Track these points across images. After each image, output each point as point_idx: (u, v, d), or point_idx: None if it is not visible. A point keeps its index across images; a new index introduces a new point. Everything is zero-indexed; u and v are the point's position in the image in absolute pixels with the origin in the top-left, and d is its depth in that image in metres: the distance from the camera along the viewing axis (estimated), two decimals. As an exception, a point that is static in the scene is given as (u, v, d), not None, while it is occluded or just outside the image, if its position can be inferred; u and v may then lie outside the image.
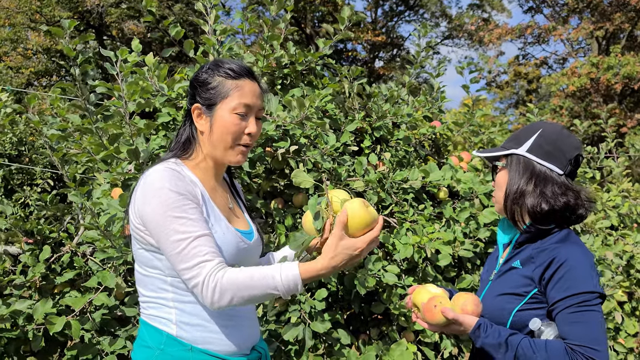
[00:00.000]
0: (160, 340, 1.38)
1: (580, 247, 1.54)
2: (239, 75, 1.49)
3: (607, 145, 3.97)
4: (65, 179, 2.36)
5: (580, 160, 1.62)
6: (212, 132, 1.48)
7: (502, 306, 1.58)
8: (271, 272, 1.32)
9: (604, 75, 16.82)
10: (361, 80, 3.06)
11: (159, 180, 1.35)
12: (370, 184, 2.73)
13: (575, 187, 1.59)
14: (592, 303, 1.43)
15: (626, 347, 3.48)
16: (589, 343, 1.39)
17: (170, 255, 1.32)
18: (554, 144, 1.59)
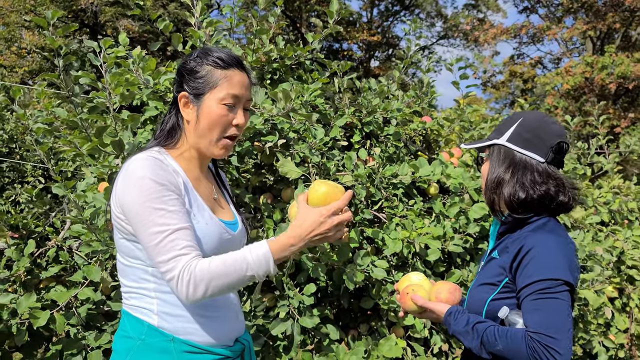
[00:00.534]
0: (142, 331, 1.36)
1: (555, 234, 1.50)
2: (228, 65, 1.46)
3: (597, 141, 3.97)
4: (52, 172, 2.33)
5: (564, 148, 1.59)
6: (199, 122, 1.45)
7: (480, 296, 1.58)
8: (242, 254, 1.30)
9: (598, 75, 16.87)
10: (351, 75, 3.05)
11: (140, 169, 1.32)
12: (360, 178, 2.71)
13: (558, 175, 1.57)
14: (555, 290, 1.39)
15: (616, 343, 3.48)
16: (546, 331, 1.35)
17: (147, 247, 1.30)
18: (533, 132, 1.57)
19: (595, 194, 4.03)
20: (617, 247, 3.58)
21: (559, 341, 1.34)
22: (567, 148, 1.61)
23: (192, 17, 2.44)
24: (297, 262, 2.64)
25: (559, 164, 1.60)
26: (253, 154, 2.61)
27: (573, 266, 1.45)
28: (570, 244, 1.51)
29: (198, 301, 1.29)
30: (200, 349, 1.37)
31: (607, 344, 3.25)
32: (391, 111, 3.04)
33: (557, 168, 1.60)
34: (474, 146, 1.70)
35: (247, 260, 1.30)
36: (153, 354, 1.35)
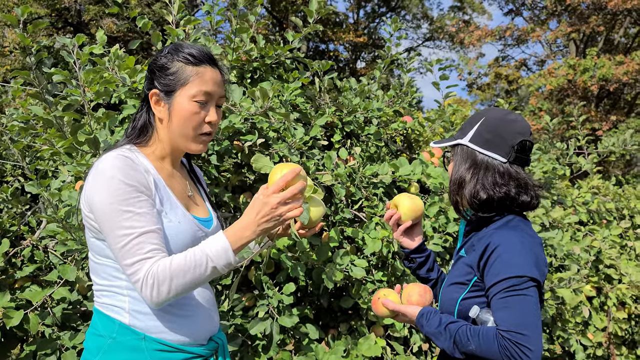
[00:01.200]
0: (113, 329, 1.35)
1: (519, 231, 1.51)
2: (199, 61, 1.44)
3: (576, 142, 4.01)
4: (27, 171, 2.30)
5: (527, 146, 1.58)
6: (171, 120, 1.43)
7: (451, 296, 1.58)
8: (201, 248, 1.29)
9: (580, 78, 17.04)
10: (331, 75, 3.05)
11: (110, 168, 1.30)
12: (340, 178, 2.71)
13: (521, 175, 1.56)
14: (522, 287, 1.40)
15: (594, 341, 3.52)
16: (516, 328, 1.36)
17: (113, 249, 1.29)
18: (494, 132, 1.56)
19: (574, 194, 4.07)
20: (595, 246, 3.62)
21: (530, 337, 1.35)
22: (531, 145, 1.59)
23: (170, 15, 2.42)
24: (276, 261, 2.63)
25: (524, 162, 1.59)
26: (232, 153, 2.60)
27: (539, 262, 1.46)
28: (536, 239, 1.52)
29: (163, 303, 1.28)
30: (172, 348, 1.36)
31: (585, 342, 3.28)
32: (372, 111, 3.04)
33: (523, 166, 1.59)
34: (440, 145, 1.69)
35: (206, 253, 1.29)
36: (124, 352, 1.33)
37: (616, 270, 3.68)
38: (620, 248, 4.01)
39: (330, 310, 2.95)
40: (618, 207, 4.26)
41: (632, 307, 3.66)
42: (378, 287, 2.82)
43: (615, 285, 3.63)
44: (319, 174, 2.72)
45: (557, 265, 3.37)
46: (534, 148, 3.85)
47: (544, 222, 3.27)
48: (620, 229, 3.92)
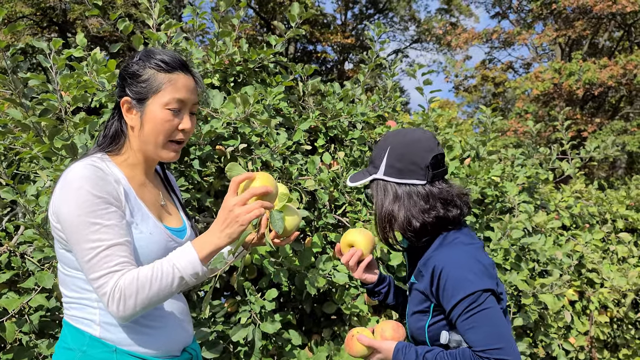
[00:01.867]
0: (83, 342, 1.32)
1: (457, 246, 1.52)
2: (172, 68, 1.42)
3: (558, 147, 4.04)
4: (3, 176, 2.26)
5: (439, 158, 1.56)
6: (143, 128, 1.41)
7: (417, 325, 1.58)
8: (168, 259, 1.28)
9: (566, 81, 17.21)
10: (315, 79, 3.03)
11: (78, 179, 1.27)
12: (323, 183, 2.70)
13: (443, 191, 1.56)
14: (479, 302, 1.40)
15: (577, 345, 3.53)
16: (489, 344, 1.37)
17: (80, 262, 1.26)
18: (404, 159, 1.54)
19: (557, 198, 4.09)
20: (577, 251, 3.64)
21: (505, 349, 1.36)
22: (442, 156, 1.58)
23: (150, 18, 2.39)
24: (259, 267, 2.61)
25: (442, 173, 1.58)
26: (215, 158, 2.58)
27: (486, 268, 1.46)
28: (475, 244, 1.53)
29: (131, 317, 1.25)
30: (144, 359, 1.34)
31: (567, 346, 3.30)
32: (355, 115, 3.03)
33: (442, 177, 1.59)
34: (358, 184, 1.66)
35: (173, 263, 1.27)
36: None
37: (598, 275, 3.70)
38: (603, 252, 4.04)
39: (313, 316, 2.94)
40: (600, 211, 4.29)
41: (614, 311, 3.69)
42: (361, 293, 2.81)
43: (597, 289, 3.65)
44: (301, 179, 2.70)
45: (539, 271, 3.38)
46: (518, 153, 3.88)
47: (527, 227, 3.28)
48: (602, 233, 3.95)
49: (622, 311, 3.68)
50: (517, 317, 3.02)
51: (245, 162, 2.55)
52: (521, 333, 3.26)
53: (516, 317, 3.02)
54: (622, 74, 16.83)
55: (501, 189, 3.34)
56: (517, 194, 3.52)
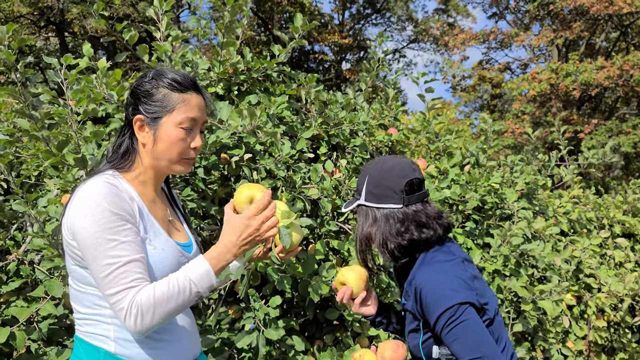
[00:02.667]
0: (97, 358, 1.34)
1: (434, 265, 1.61)
2: (185, 88, 1.46)
3: (557, 154, 4.08)
4: (12, 185, 2.30)
5: (415, 183, 1.66)
6: (156, 145, 1.44)
7: (413, 343, 1.68)
8: (184, 274, 1.32)
9: (562, 82, 17.28)
10: (318, 88, 3.07)
11: (94, 196, 1.30)
12: (325, 191, 2.74)
13: (418, 213, 1.65)
14: (457, 315, 1.49)
15: (575, 350, 3.59)
16: (471, 355, 1.46)
17: (96, 277, 1.28)
18: (379, 186, 1.66)
19: (555, 204, 4.14)
20: (575, 256, 3.69)
21: (488, 356, 1.46)
22: (418, 181, 1.67)
23: (158, 31, 2.43)
24: (263, 274, 2.65)
25: (420, 197, 1.67)
26: (219, 166, 2.62)
27: (465, 281, 1.56)
28: (454, 260, 1.63)
29: (147, 332, 1.28)
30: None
31: (565, 352, 3.35)
32: (357, 124, 3.07)
33: (422, 198, 1.68)
34: (348, 209, 1.78)
35: (189, 278, 1.31)
36: None
37: (596, 280, 3.75)
38: (600, 257, 4.09)
39: (316, 322, 2.98)
40: (598, 217, 4.34)
41: (611, 315, 3.74)
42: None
43: (595, 294, 3.70)
44: (304, 188, 2.74)
45: (538, 277, 3.43)
46: (517, 159, 3.92)
47: (526, 234, 3.33)
48: (600, 239, 4.00)
49: (619, 315, 3.73)
50: (517, 322, 3.07)
51: (250, 172, 2.59)
52: (520, 338, 3.31)
53: (516, 322, 3.07)
54: (619, 74, 16.91)
55: (501, 195, 3.39)
56: (517, 200, 3.56)
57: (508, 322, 3.10)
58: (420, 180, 1.68)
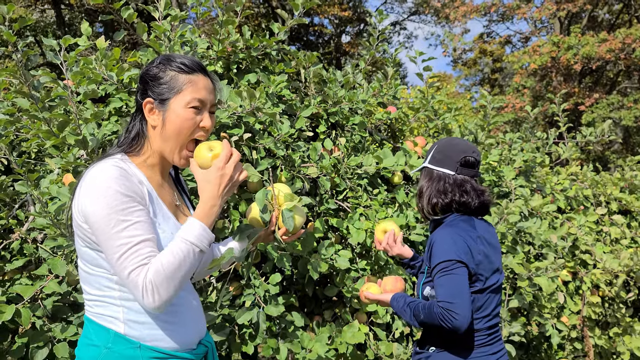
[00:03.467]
0: (107, 339, 1.37)
1: (453, 228, 1.94)
2: (192, 69, 1.48)
3: (555, 131, 4.09)
4: (14, 165, 2.32)
5: (469, 160, 2.03)
6: (165, 127, 1.46)
7: (418, 283, 2.07)
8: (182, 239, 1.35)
9: (564, 55, 17.14)
10: (317, 66, 3.07)
11: (105, 179, 1.32)
12: (324, 169, 2.76)
13: (466, 183, 2.01)
14: (450, 268, 1.82)
15: (569, 324, 3.65)
16: (446, 298, 1.77)
17: (110, 259, 1.31)
18: (443, 153, 2.05)
19: (553, 181, 4.17)
20: (572, 233, 3.74)
21: (456, 304, 1.75)
22: (473, 160, 2.04)
23: (157, 11, 2.42)
24: (262, 252, 2.69)
25: (471, 173, 2.04)
26: (219, 145, 2.63)
27: (469, 249, 1.87)
28: (470, 233, 1.93)
29: (166, 305, 1.30)
30: (166, 354, 1.39)
31: (560, 327, 3.41)
32: (356, 102, 3.08)
33: (471, 176, 2.04)
34: (414, 171, 2.25)
35: (189, 241, 1.35)
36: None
37: (591, 256, 3.80)
38: (597, 234, 4.13)
39: (315, 298, 3.03)
40: (595, 194, 4.37)
41: (606, 291, 3.80)
42: (362, 275, 2.90)
43: (590, 270, 3.76)
44: (304, 167, 2.76)
45: (534, 254, 3.48)
46: (515, 137, 3.94)
47: (523, 212, 3.36)
48: (596, 216, 4.03)
49: (614, 291, 3.79)
50: (513, 298, 3.12)
51: (250, 151, 2.61)
52: (516, 313, 3.37)
53: (512, 298, 3.12)
54: (621, 48, 16.78)
55: (498, 173, 3.41)
56: (514, 178, 3.59)
57: (504, 298, 3.15)
58: (476, 161, 2.04)
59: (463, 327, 1.74)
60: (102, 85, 2.51)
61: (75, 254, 2.32)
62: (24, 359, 2.30)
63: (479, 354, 1.89)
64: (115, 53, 2.53)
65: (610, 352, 4.12)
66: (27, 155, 2.64)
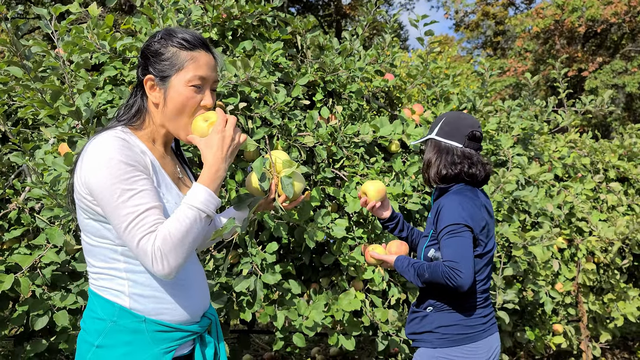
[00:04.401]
0: (113, 312, 1.38)
1: (460, 195, 2.05)
2: (193, 46, 1.45)
3: (554, 99, 4.06)
4: (9, 135, 2.31)
5: (476, 135, 2.12)
6: (166, 105, 1.45)
7: (421, 245, 2.16)
8: (188, 206, 1.35)
9: (568, 18, 16.86)
10: (314, 33, 3.02)
11: (107, 150, 1.31)
12: (321, 138, 2.75)
13: (473, 155, 2.11)
14: (457, 231, 1.93)
15: (564, 290, 3.70)
16: (452, 258, 1.88)
17: (118, 230, 1.30)
18: (452, 126, 2.13)
19: (551, 149, 4.15)
20: (568, 201, 3.74)
21: (461, 264, 1.86)
22: (480, 135, 2.13)
23: (148, -23, 2.37)
24: (259, 221, 2.70)
25: (476, 147, 2.14)
26: (215, 115, 2.61)
27: (473, 215, 1.98)
28: (475, 201, 2.05)
29: (175, 271, 1.31)
30: (170, 328, 1.41)
31: (553, 294, 3.45)
32: (354, 70, 3.04)
33: (477, 149, 2.14)
34: (419, 142, 2.30)
35: (195, 207, 1.34)
36: (126, 334, 1.37)
37: (587, 224, 3.82)
38: (593, 201, 4.14)
39: (312, 266, 3.06)
40: (593, 161, 4.36)
41: (601, 258, 3.83)
42: (359, 244, 2.92)
43: (586, 238, 3.78)
44: (300, 136, 2.75)
45: (530, 222, 3.49)
46: (514, 105, 3.91)
47: (520, 180, 3.36)
48: (593, 183, 4.03)
49: (609, 258, 3.82)
50: (508, 267, 3.15)
51: (245, 120, 2.59)
52: (510, 280, 3.40)
53: (506, 267, 3.15)
54: (626, 10, 16.50)
55: (496, 142, 3.40)
56: (512, 146, 3.57)
57: (499, 266, 3.18)
58: (481, 136, 2.14)
59: (466, 285, 1.85)
60: (95, 54, 2.48)
61: (73, 224, 2.33)
62: (24, 326, 2.34)
63: (473, 315, 2.03)
64: (107, 21, 2.49)
65: (604, 317, 4.19)
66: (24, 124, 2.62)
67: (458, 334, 2.00)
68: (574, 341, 3.93)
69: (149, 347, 1.39)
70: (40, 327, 2.17)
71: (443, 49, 17.08)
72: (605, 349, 4.94)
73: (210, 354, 1.53)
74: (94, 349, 1.38)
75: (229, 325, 2.82)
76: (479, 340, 2.01)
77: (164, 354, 1.40)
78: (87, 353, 1.39)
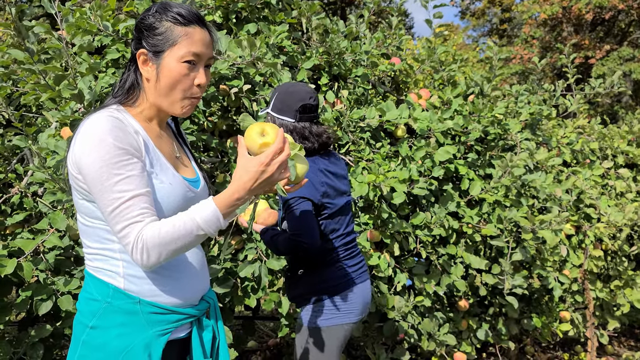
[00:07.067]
0: (107, 293, 1.36)
1: None
2: (188, 21, 1.41)
3: (563, 83, 3.99)
4: (12, 119, 2.28)
5: (308, 106, 2.13)
6: (159, 81, 1.41)
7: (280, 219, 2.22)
8: (190, 216, 1.30)
9: (576, 4, 16.68)
10: (319, 16, 2.97)
11: (99, 131, 1.28)
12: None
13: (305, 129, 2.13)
14: (295, 204, 2.02)
15: (571, 277, 3.67)
16: (294, 230, 2.00)
17: (104, 212, 1.28)
18: (283, 102, 2.13)
19: (559, 134, 4.10)
20: (577, 187, 3.70)
21: (303, 234, 1.98)
22: (311, 105, 2.14)
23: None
24: (264, 206, 2.67)
25: (310, 118, 2.16)
26: (219, 98, 2.58)
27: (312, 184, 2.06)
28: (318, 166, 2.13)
29: (153, 267, 1.29)
30: (166, 310, 1.39)
31: (562, 279, 3.42)
32: (359, 53, 3.00)
33: (311, 119, 2.16)
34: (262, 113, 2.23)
35: (196, 220, 1.29)
36: (120, 316, 1.36)
37: (595, 210, 3.78)
38: (602, 187, 4.10)
39: (318, 251, 3.03)
40: (602, 147, 4.31)
41: (609, 244, 3.79)
42: (364, 229, 2.89)
43: (594, 224, 3.74)
44: (306, 120, 2.71)
45: (539, 207, 3.45)
46: (522, 89, 3.85)
47: (528, 165, 3.32)
48: (602, 169, 3.99)
49: (617, 244, 3.78)
50: (516, 252, 3.12)
51: (250, 103, 2.56)
52: (518, 266, 3.37)
53: (515, 252, 3.12)
54: (634, -3, 16.31)
55: (504, 126, 3.35)
56: (520, 131, 3.53)
57: (507, 251, 3.15)
58: (313, 106, 2.15)
59: (313, 249, 1.99)
60: (97, 37, 2.44)
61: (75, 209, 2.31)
62: (28, 312, 2.33)
63: (340, 268, 2.18)
64: (110, 2, 2.45)
65: (611, 304, 4.16)
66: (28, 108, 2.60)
67: (329, 286, 2.15)
68: (581, 328, 3.91)
69: (143, 328, 1.37)
70: (44, 311, 2.16)
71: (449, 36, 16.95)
72: (612, 336, 4.91)
73: (208, 337, 1.51)
74: (88, 330, 1.37)
75: (234, 312, 2.81)
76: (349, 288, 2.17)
77: (159, 336, 1.38)
78: (81, 334, 1.37)
